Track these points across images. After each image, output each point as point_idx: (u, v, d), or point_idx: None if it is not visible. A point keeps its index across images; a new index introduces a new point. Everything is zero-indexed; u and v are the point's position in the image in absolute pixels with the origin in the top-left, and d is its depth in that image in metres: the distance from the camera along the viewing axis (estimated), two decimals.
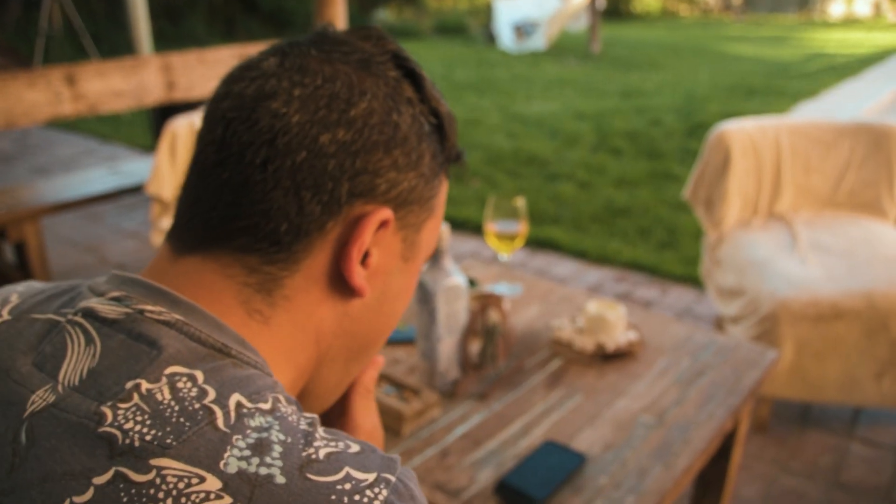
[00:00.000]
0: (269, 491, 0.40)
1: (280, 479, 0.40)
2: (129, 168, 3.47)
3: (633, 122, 6.67)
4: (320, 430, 0.45)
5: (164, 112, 3.92)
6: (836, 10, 22.80)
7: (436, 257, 1.31)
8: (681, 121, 6.63)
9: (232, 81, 0.53)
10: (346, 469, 0.42)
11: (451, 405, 1.30)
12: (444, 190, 0.60)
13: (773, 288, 2.21)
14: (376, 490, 0.42)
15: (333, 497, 0.41)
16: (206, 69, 3.71)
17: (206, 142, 0.52)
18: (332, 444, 0.44)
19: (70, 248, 3.99)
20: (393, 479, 0.43)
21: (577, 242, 3.89)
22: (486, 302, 1.39)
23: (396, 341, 1.52)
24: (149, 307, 0.48)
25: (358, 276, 0.53)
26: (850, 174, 2.73)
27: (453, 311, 1.32)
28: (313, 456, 0.43)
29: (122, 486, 0.39)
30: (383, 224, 0.54)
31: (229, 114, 0.51)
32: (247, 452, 0.41)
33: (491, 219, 1.68)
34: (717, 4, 24.72)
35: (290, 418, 0.45)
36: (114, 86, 3.35)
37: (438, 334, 1.31)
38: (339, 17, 4.28)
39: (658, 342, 1.51)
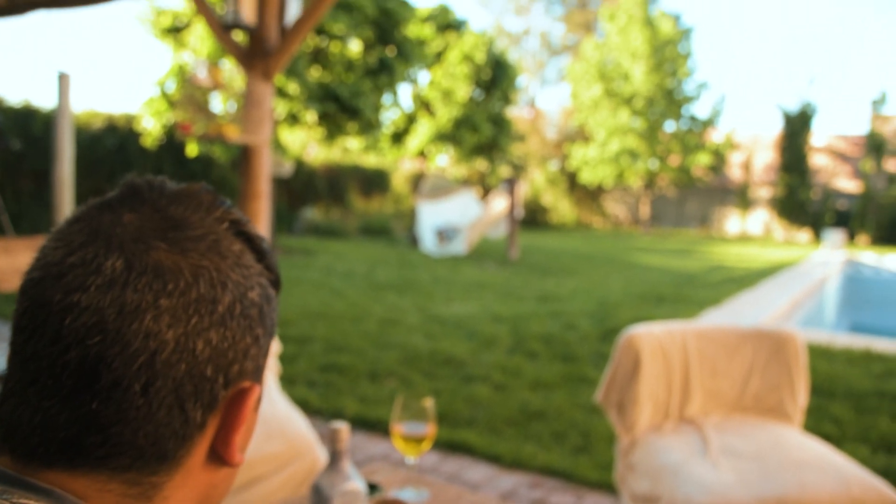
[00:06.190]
0: None
1: None
2: None
3: (548, 325, 6.80)
4: None
5: None
6: (732, 227, 24.86)
7: (334, 459, 1.20)
8: (594, 325, 6.80)
9: (71, 289, 0.47)
10: None
11: None
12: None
13: (687, 494, 2.13)
14: None
15: None
16: None
17: (50, 361, 0.47)
18: None
19: None
20: None
21: (491, 446, 3.76)
22: None
23: None
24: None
25: (238, 453, 0.53)
26: (755, 378, 2.78)
27: None
28: None
29: None
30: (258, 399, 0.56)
31: (90, 337, 0.46)
32: None
33: (398, 419, 1.59)
34: (626, 218, 26.66)
35: None
36: (20, 264, 3.24)
37: None
38: (263, 212, 4.34)
39: None
